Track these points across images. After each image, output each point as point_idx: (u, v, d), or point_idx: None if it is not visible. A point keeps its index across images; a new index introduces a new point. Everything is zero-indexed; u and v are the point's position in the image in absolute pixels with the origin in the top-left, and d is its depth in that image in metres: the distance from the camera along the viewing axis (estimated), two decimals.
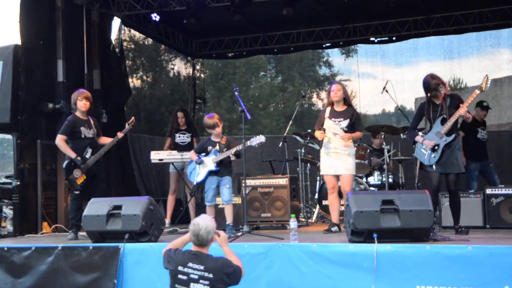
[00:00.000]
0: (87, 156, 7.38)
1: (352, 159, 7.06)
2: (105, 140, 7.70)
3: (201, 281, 4.64)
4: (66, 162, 7.43)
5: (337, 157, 6.99)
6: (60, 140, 7.40)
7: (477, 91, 6.48)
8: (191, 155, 7.40)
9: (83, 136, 7.42)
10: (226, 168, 7.23)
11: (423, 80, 6.73)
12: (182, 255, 4.80)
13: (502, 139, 12.29)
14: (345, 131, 6.96)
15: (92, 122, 7.60)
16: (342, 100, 7.09)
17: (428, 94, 6.68)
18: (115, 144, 7.72)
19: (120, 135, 7.63)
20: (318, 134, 7.07)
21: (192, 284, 4.66)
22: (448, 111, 6.53)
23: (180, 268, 4.72)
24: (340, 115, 7.04)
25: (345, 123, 6.99)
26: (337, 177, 7.05)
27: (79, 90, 7.69)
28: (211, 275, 4.65)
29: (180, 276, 4.71)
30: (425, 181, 7.02)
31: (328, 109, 7.15)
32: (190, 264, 4.70)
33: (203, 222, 4.77)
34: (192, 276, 4.67)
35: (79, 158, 7.31)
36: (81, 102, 7.48)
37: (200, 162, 7.16)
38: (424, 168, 6.74)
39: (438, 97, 6.62)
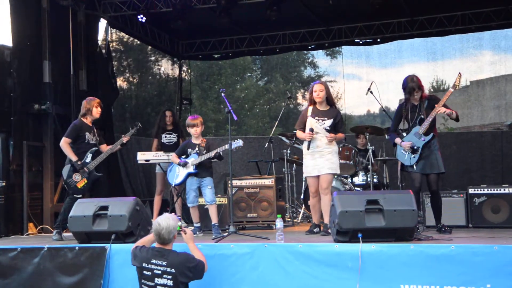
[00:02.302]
0: (87, 160, 7.39)
1: (335, 157, 6.89)
2: (106, 148, 7.68)
3: (164, 276, 4.97)
4: (66, 166, 7.42)
5: (319, 156, 6.84)
6: (64, 143, 7.40)
7: (451, 89, 6.68)
8: (172, 158, 7.44)
9: (86, 141, 7.43)
10: (206, 170, 7.24)
11: (403, 80, 6.82)
12: (146, 252, 5.13)
13: (484, 140, 12.45)
14: (328, 131, 6.84)
15: (95, 130, 7.63)
16: (325, 100, 6.96)
17: (406, 95, 6.79)
18: (120, 147, 7.83)
19: (125, 139, 7.68)
20: (303, 135, 6.88)
21: (156, 279, 5.00)
22: (425, 111, 6.65)
23: (144, 264, 5.06)
24: (324, 115, 6.90)
25: (328, 122, 6.85)
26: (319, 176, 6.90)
27: (92, 98, 7.69)
28: (173, 270, 4.97)
29: (145, 272, 5.05)
30: (407, 181, 7.11)
31: (311, 108, 6.99)
32: (153, 261, 5.04)
33: (165, 222, 5.08)
34: (156, 271, 5.01)
35: (79, 162, 7.32)
36: (97, 109, 7.56)
37: (184, 164, 7.19)
38: (405, 169, 6.83)
39: (415, 100, 6.73)
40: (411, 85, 6.66)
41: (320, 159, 6.84)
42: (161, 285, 4.98)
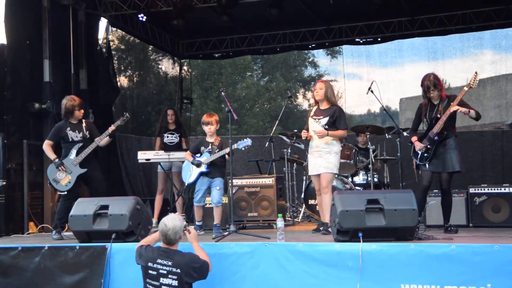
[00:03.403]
0: (71, 157, 7.36)
1: (333, 157, 6.84)
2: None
3: (169, 276, 4.97)
4: (50, 165, 7.43)
5: (318, 156, 6.87)
6: (45, 145, 7.50)
7: (466, 88, 6.59)
8: (186, 156, 7.36)
9: (70, 140, 7.42)
10: (218, 170, 7.18)
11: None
12: (152, 252, 5.14)
13: (485, 139, 12.45)
14: (326, 129, 6.81)
15: (84, 124, 7.58)
16: (326, 99, 6.93)
17: (422, 93, 6.78)
18: (109, 139, 7.56)
19: (111, 128, 7.52)
20: (302, 134, 7.02)
21: (161, 279, 5.01)
22: (443, 111, 6.61)
23: (150, 264, 5.07)
24: (321, 113, 6.90)
25: (324, 120, 6.82)
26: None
27: (72, 98, 7.59)
28: (178, 270, 4.97)
29: (150, 271, 5.05)
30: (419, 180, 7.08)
31: (314, 108, 7.07)
32: (159, 260, 5.04)
33: (171, 223, 5.08)
34: (161, 271, 5.02)
35: (57, 160, 7.33)
36: (79, 112, 7.53)
37: (198, 164, 7.12)
38: (418, 167, 6.82)
39: (433, 98, 6.70)
40: (426, 83, 6.65)
41: (319, 158, 6.87)
42: (166, 285, 4.99)
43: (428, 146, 6.62)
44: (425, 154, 6.65)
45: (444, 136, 6.59)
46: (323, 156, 6.84)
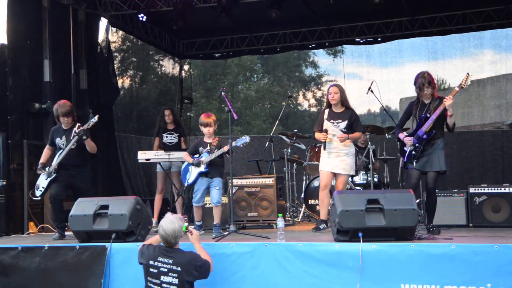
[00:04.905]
0: (53, 163, 7.35)
1: (351, 159, 7.15)
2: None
3: (170, 274, 5.01)
4: None
5: (336, 157, 7.09)
6: (45, 149, 7.58)
7: (457, 89, 6.55)
8: (185, 157, 7.37)
9: (58, 147, 7.42)
10: (217, 169, 7.18)
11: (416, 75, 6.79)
12: (153, 250, 5.18)
13: (485, 139, 12.46)
14: (344, 132, 7.06)
15: (75, 132, 7.32)
16: (340, 102, 7.16)
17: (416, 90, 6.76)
18: (91, 143, 7.37)
19: (77, 130, 7.23)
20: (319, 135, 7.14)
21: (162, 277, 5.04)
22: (433, 111, 6.60)
23: (151, 262, 5.10)
24: (339, 117, 7.13)
25: (343, 124, 7.08)
26: (333, 175, 7.13)
27: (61, 104, 7.39)
28: (179, 268, 5.01)
29: (151, 269, 5.09)
30: (407, 180, 7.08)
31: (327, 111, 7.24)
32: (159, 258, 5.08)
33: (170, 227, 5.09)
34: (162, 269, 5.05)
35: (40, 164, 7.43)
36: (63, 119, 7.34)
37: (198, 164, 7.11)
38: (405, 165, 6.80)
39: (425, 96, 6.67)
40: (420, 80, 6.60)
41: (336, 158, 7.11)
42: (166, 283, 5.01)
43: (416, 145, 6.59)
44: (413, 153, 6.63)
45: (432, 136, 6.56)
46: (341, 157, 7.11)
